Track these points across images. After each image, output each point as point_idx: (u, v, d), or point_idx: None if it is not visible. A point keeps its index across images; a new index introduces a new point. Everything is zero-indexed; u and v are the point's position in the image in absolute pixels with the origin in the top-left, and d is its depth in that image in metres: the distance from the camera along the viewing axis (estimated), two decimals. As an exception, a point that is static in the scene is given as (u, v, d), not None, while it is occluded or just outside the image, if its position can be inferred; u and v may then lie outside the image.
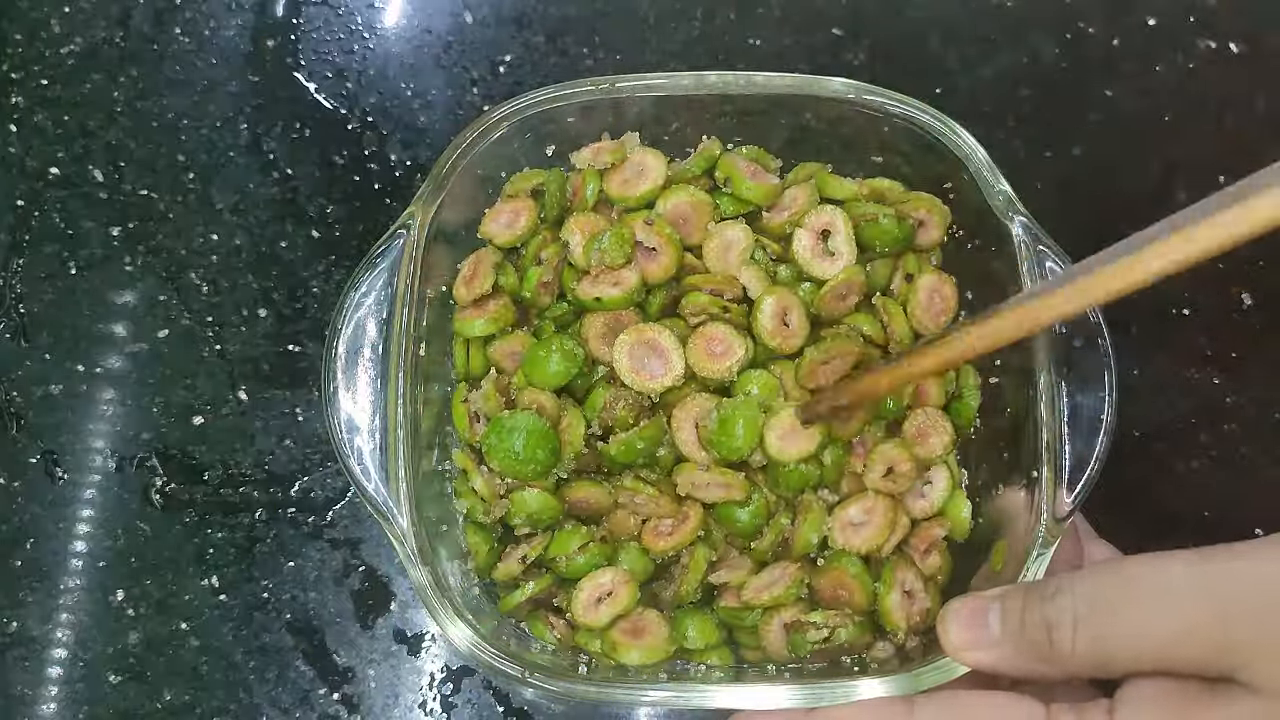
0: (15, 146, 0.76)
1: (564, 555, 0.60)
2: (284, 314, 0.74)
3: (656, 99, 0.63)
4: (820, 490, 0.62)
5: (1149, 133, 0.78)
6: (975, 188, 0.61)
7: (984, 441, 0.64)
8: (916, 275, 0.64)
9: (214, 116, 0.77)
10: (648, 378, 0.60)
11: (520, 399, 0.61)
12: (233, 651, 0.68)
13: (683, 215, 0.64)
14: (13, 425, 0.72)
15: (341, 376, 0.57)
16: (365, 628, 0.69)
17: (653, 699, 0.56)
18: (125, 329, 0.73)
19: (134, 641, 0.68)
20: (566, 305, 0.64)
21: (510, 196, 0.65)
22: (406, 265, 0.58)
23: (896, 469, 0.60)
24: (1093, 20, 0.80)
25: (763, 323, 0.61)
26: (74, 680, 0.68)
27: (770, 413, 0.59)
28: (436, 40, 0.79)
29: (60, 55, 0.78)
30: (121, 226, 0.75)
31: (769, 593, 0.58)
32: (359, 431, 0.57)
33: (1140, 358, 0.74)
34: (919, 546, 0.61)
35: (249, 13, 0.79)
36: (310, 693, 0.68)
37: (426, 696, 0.68)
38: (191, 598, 0.69)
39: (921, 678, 0.54)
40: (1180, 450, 0.72)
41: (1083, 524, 0.61)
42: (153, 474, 0.71)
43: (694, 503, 0.60)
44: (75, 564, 0.69)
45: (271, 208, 0.76)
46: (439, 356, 0.63)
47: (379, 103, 0.78)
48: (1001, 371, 0.62)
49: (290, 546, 0.70)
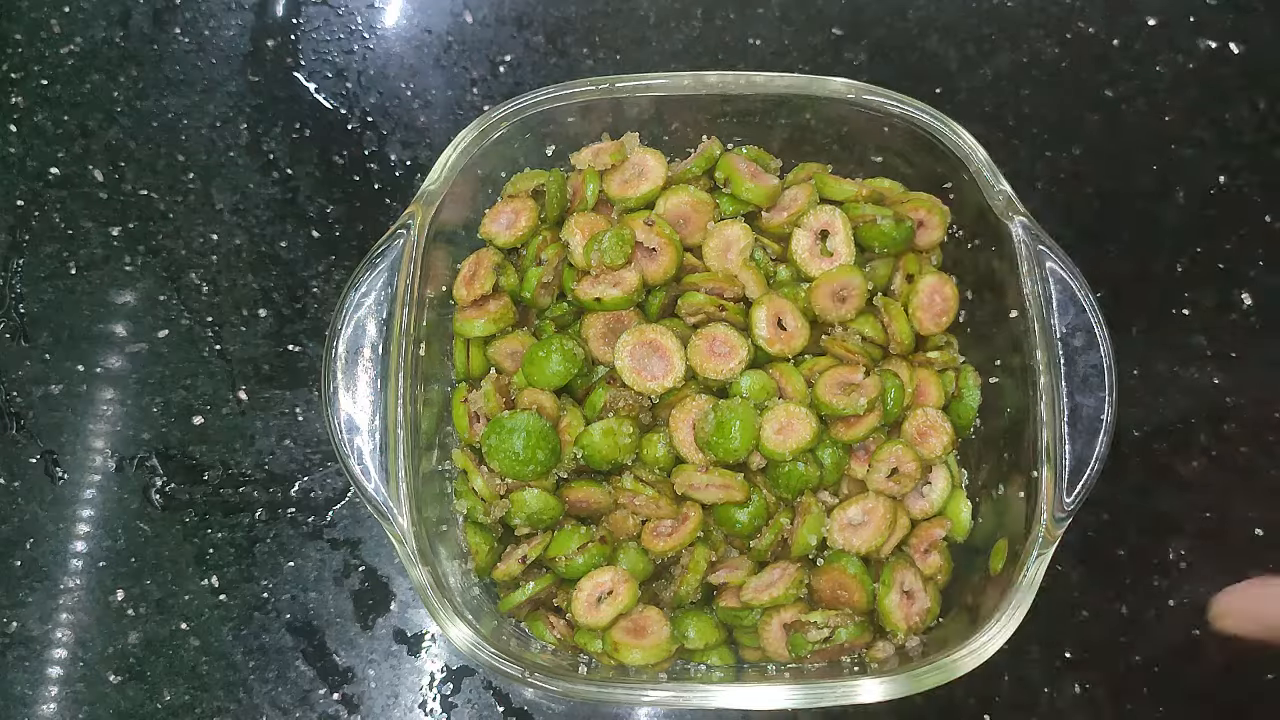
0: (15, 146, 0.76)
1: (564, 555, 0.60)
2: (284, 314, 0.74)
3: (656, 99, 0.63)
4: (820, 492, 0.62)
5: (1149, 133, 0.78)
6: (975, 188, 0.61)
7: (984, 441, 0.64)
8: (917, 275, 0.64)
9: (214, 116, 0.77)
10: (649, 379, 0.60)
11: (520, 399, 0.61)
12: (233, 651, 0.68)
13: (683, 215, 0.64)
14: (12, 425, 0.72)
15: (341, 376, 0.57)
16: (365, 628, 0.69)
17: (653, 699, 0.56)
18: (125, 329, 0.73)
19: (134, 641, 0.68)
20: (567, 305, 0.64)
21: (510, 197, 0.65)
22: (406, 265, 0.58)
23: (901, 469, 0.60)
24: (1093, 20, 0.80)
25: (758, 331, 0.61)
26: (74, 680, 0.68)
27: (766, 410, 0.59)
28: (437, 40, 0.79)
29: (60, 55, 0.78)
30: (121, 226, 0.75)
31: (768, 593, 0.58)
32: (359, 431, 0.57)
33: (1140, 358, 0.74)
34: (919, 546, 0.61)
35: (249, 13, 0.79)
36: (310, 693, 0.68)
37: (426, 696, 0.68)
38: (191, 598, 0.69)
39: (921, 678, 0.54)
40: (1180, 450, 0.72)
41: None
42: (153, 474, 0.71)
43: (693, 504, 0.60)
44: (75, 564, 0.69)
45: (271, 208, 0.76)
46: (439, 357, 0.63)
47: (379, 103, 0.78)
48: (1001, 371, 0.62)
49: (290, 546, 0.70)
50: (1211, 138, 0.78)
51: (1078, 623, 0.69)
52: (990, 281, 0.62)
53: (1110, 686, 0.69)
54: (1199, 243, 0.76)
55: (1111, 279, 0.75)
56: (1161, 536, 0.71)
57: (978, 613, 0.57)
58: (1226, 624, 0.53)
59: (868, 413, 0.60)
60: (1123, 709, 0.68)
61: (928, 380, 0.63)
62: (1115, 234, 0.77)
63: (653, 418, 0.62)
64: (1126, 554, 0.71)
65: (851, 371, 0.61)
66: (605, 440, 0.58)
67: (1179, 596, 0.70)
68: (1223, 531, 0.71)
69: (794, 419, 0.59)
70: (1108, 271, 0.75)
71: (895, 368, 0.62)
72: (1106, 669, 0.69)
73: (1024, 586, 0.55)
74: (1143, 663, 0.69)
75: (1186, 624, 0.70)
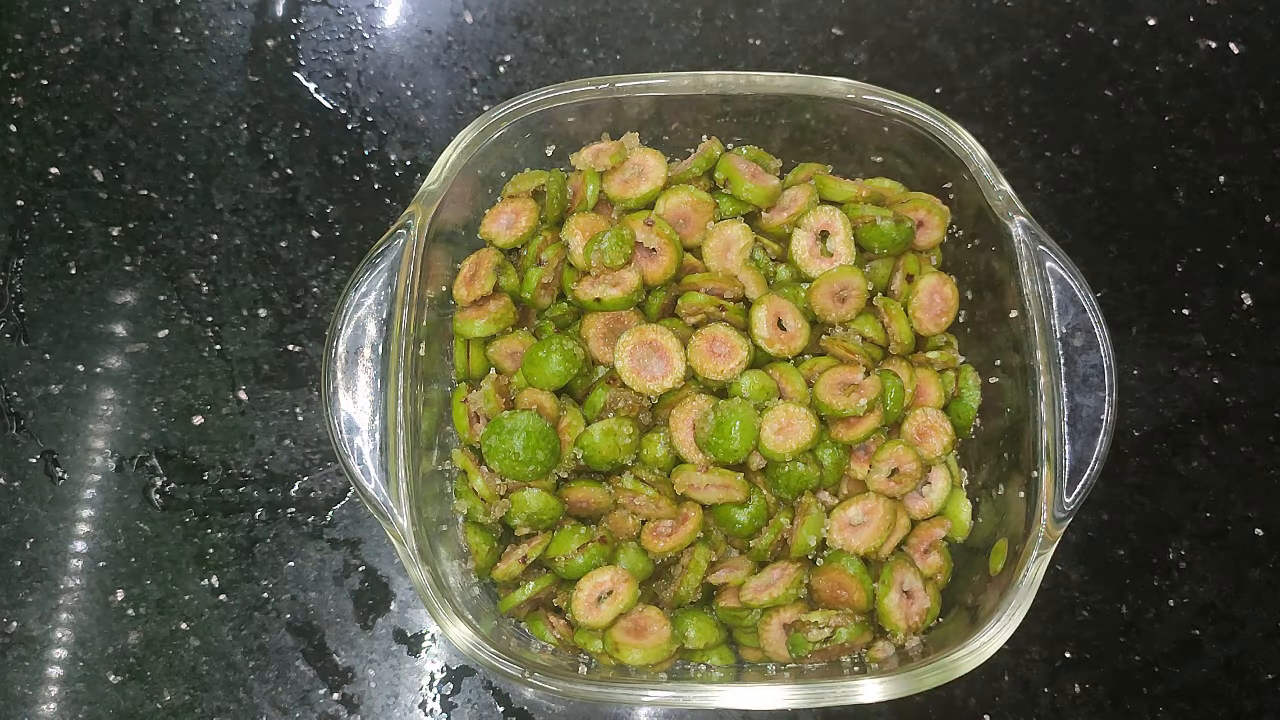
0: (15, 146, 0.76)
1: (563, 555, 0.60)
2: (284, 314, 0.74)
3: (656, 99, 0.63)
4: (820, 492, 0.62)
5: (1149, 133, 0.78)
6: (975, 188, 0.61)
7: (984, 442, 0.63)
8: (917, 276, 0.64)
9: (214, 116, 0.77)
10: (649, 379, 0.60)
11: (520, 399, 0.61)
12: (232, 651, 0.68)
13: (683, 215, 0.64)
14: (12, 425, 0.72)
15: (341, 376, 0.57)
16: (365, 628, 0.69)
17: (652, 699, 0.56)
18: (125, 329, 0.73)
19: (134, 641, 0.68)
20: (566, 306, 0.64)
21: (511, 197, 0.65)
22: (406, 265, 0.58)
23: (902, 469, 0.60)
24: (1093, 20, 0.80)
25: (758, 332, 0.61)
26: (74, 680, 0.68)
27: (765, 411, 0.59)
28: (436, 40, 0.79)
29: (60, 55, 0.78)
30: (121, 226, 0.75)
31: (768, 593, 0.58)
32: (359, 431, 0.57)
33: (1140, 358, 0.74)
34: (919, 546, 0.61)
35: (249, 13, 0.79)
36: (310, 693, 0.68)
37: (426, 696, 0.68)
38: (191, 598, 0.69)
39: (922, 678, 0.54)
40: (1180, 450, 0.72)
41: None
42: (153, 474, 0.71)
43: (693, 504, 0.60)
44: (75, 564, 0.69)
45: (271, 207, 0.76)
46: (439, 357, 0.63)
47: (379, 102, 0.78)
48: (1002, 372, 0.62)
49: (290, 546, 0.70)
50: (1211, 138, 0.78)
51: (1078, 623, 0.69)
52: (990, 281, 0.62)
53: (1110, 686, 0.69)
54: (1199, 243, 0.76)
55: (1111, 279, 0.75)
56: (1162, 536, 0.71)
57: (978, 613, 0.57)
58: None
59: (868, 414, 0.60)
60: (1123, 709, 0.68)
61: (928, 380, 0.63)
62: (1115, 234, 0.77)
63: (653, 418, 0.62)
64: (1127, 554, 0.71)
65: (852, 372, 0.61)
66: (605, 441, 0.58)
67: (1179, 596, 0.70)
68: (1223, 532, 0.71)
69: (794, 419, 0.59)
70: (1108, 271, 0.75)
71: (895, 368, 0.62)
72: (1106, 669, 0.69)
73: (1024, 586, 0.55)
74: (1142, 663, 0.69)
75: (1186, 624, 0.70)
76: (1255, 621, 0.70)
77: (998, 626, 0.55)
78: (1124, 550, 0.71)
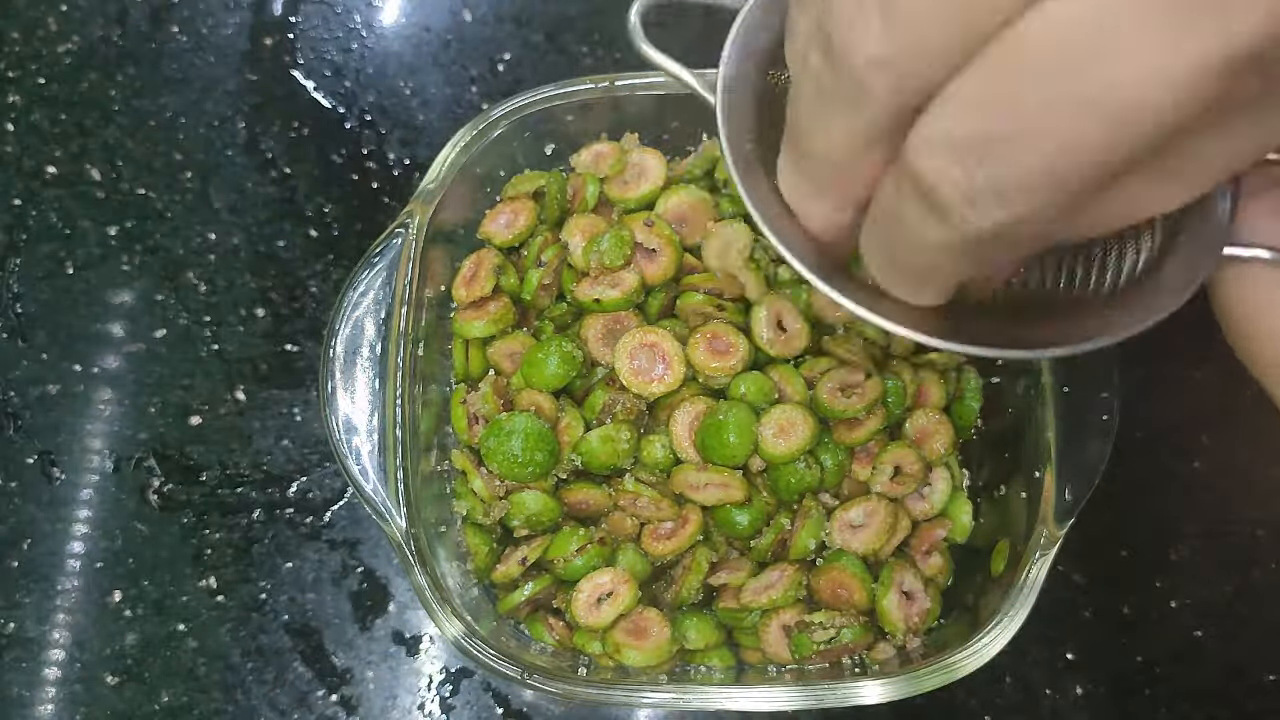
0: (12, 145, 0.76)
1: (563, 557, 0.59)
2: (282, 313, 0.73)
3: (656, 98, 0.63)
4: (821, 494, 0.61)
5: (1151, 132, 0.78)
6: (977, 187, 0.60)
7: (985, 442, 0.63)
8: (917, 275, 0.64)
9: (211, 115, 0.77)
10: (648, 381, 0.59)
11: (519, 400, 0.60)
12: (230, 653, 0.68)
13: (682, 215, 0.63)
14: (9, 425, 0.71)
15: (340, 376, 0.57)
16: (364, 629, 0.69)
17: (652, 701, 0.55)
18: (122, 329, 0.73)
19: (131, 642, 0.68)
20: (566, 306, 0.63)
21: (510, 198, 0.65)
22: (405, 265, 0.58)
23: (904, 470, 0.60)
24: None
25: (758, 331, 0.60)
26: (71, 681, 0.67)
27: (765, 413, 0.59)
28: (435, 38, 0.79)
29: (57, 54, 0.78)
30: (119, 226, 0.75)
31: (767, 595, 0.58)
32: (357, 432, 0.56)
33: (1142, 358, 0.73)
34: (920, 548, 0.61)
35: (246, 11, 0.79)
36: (308, 694, 0.68)
37: (425, 698, 0.68)
38: (189, 599, 0.69)
39: (923, 679, 0.54)
40: (1182, 451, 0.72)
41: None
42: (150, 474, 0.71)
43: (694, 506, 0.60)
44: (72, 565, 0.69)
45: (269, 207, 0.75)
46: (437, 357, 0.63)
47: (377, 101, 0.77)
48: (1003, 372, 0.62)
49: (288, 547, 0.70)
50: (1213, 137, 0.78)
51: (1080, 624, 0.69)
52: (991, 281, 0.62)
53: (1112, 687, 0.69)
54: (1201, 242, 0.76)
55: (1113, 279, 0.75)
56: (1163, 537, 0.71)
57: (979, 614, 0.57)
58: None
59: (870, 416, 0.59)
60: (1125, 710, 0.68)
61: (929, 381, 0.63)
62: (1117, 233, 0.76)
63: (652, 419, 0.62)
64: (1128, 555, 0.70)
65: (852, 373, 0.60)
66: (603, 447, 0.58)
67: (1181, 597, 0.70)
68: (1224, 532, 0.71)
69: (793, 421, 0.58)
70: (1109, 271, 0.75)
71: (897, 369, 0.62)
72: (1108, 670, 0.69)
73: (1026, 588, 0.55)
74: (1145, 663, 0.69)
75: (1189, 625, 0.69)
76: (1258, 622, 0.70)
77: (999, 628, 0.55)
78: (1126, 551, 0.71)
